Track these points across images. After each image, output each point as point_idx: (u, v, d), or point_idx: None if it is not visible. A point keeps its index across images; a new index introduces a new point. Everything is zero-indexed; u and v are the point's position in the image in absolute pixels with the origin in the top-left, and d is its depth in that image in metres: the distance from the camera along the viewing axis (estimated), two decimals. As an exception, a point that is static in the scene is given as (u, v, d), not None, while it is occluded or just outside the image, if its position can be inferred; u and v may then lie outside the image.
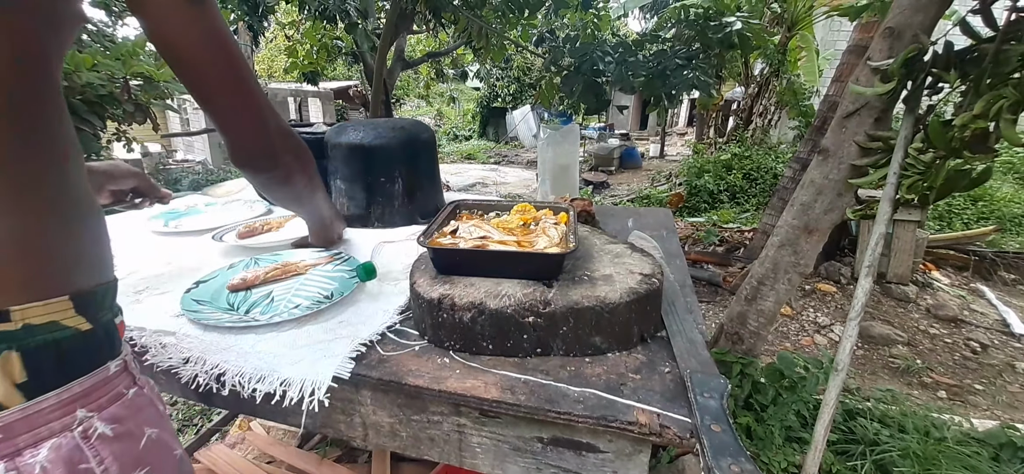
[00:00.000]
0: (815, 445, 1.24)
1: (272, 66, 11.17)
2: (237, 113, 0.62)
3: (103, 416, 0.44)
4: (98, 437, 0.43)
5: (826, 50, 7.38)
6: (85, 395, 0.43)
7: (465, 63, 9.10)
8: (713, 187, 6.08)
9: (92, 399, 0.44)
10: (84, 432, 0.42)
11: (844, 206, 1.52)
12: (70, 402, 0.42)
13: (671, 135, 14.08)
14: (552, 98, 3.94)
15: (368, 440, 0.72)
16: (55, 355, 0.42)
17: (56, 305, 0.42)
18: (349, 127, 1.28)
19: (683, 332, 0.74)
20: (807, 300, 3.42)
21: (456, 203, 1.02)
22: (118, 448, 0.44)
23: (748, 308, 1.80)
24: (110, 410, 0.45)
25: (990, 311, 3.19)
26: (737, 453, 0.50)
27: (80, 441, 0.42)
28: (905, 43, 1.28)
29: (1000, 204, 4.83)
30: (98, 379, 0.45)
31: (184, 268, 1.03)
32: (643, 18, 5.81)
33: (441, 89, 17.43)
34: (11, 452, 0.39)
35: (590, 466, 0.63)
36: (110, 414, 0.45)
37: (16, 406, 0.39)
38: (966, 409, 2.26)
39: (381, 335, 0.75)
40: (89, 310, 0.45)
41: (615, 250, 0.88)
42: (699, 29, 3.06)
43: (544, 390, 0.63)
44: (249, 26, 4.39)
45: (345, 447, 1.67)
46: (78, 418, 0.42)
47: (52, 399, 0.41)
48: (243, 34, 6.24)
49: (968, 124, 1.04)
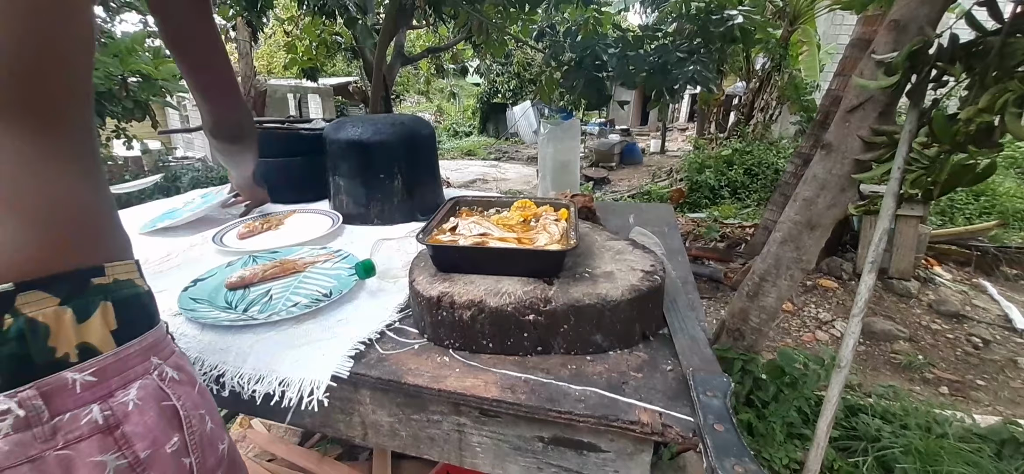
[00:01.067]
0: (817, 442, 1.24)
1: (271, 62, 11.13)
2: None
3: (169, 363, 0.50)
4: (169, 380, 0.49)
5: (828, 44, 7.34)
6: (155, 345, 0.49)
7: (465, 59, 9.06)
8: (714, 183, 6.06)
9: (159, 350, 0.50)
10: (160, 375, 0.48)
11: (847, 201, 1.51)
12: (147, 349, 0.48)
13: (672, 131, 14.03)
14: (552, 93, 3.92)
15: (367, 439, 0.72)
16: (137, 307, 0.48)
17: (130, 266, 0.49)
18: (347, 123, 1.27)
19: (685, 329, 0.73)
20: (808, 296, 3.41)
21: (456, 199, 1.01)
22: (183, 391, 0.50)
23: (750, 304, 1.79)
24: (172, 359, 0.51)
25: (992, 307, 3.18)
26: (741, 453, 0.49)
27: (159, 382, 0.47)
28: (910, 36, 1.26)
29: (1003, 199, 4.81)
30: (160, 334, 0.51)
31: (182, 266, 1.02)
32: (644, 13, 5.77)
33: (441, 85, 17.38)
34: (104, 394, 0.43)
35: (591, 466, 0.62)
36: (173, 362, 0.51)
37: (109, 351, 0.44)
38: (968, 405, 2.25)
39: (380, 333, 0.75)
40: (143, 274, 0.52)
41: (616, 247, 0.87)
42: (701, 23, 3.03)
43: (545, 389, 0.62)
44: (248, 22, 4.37)
45: (346, 445, 1.66)
46: (153, 364, 0.48)
47: (135, 346, 0.46)
48: (242, 29, 6.21)
49: (973, 118, 1.03)
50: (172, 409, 0.48)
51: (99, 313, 0.44)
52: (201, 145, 10.85)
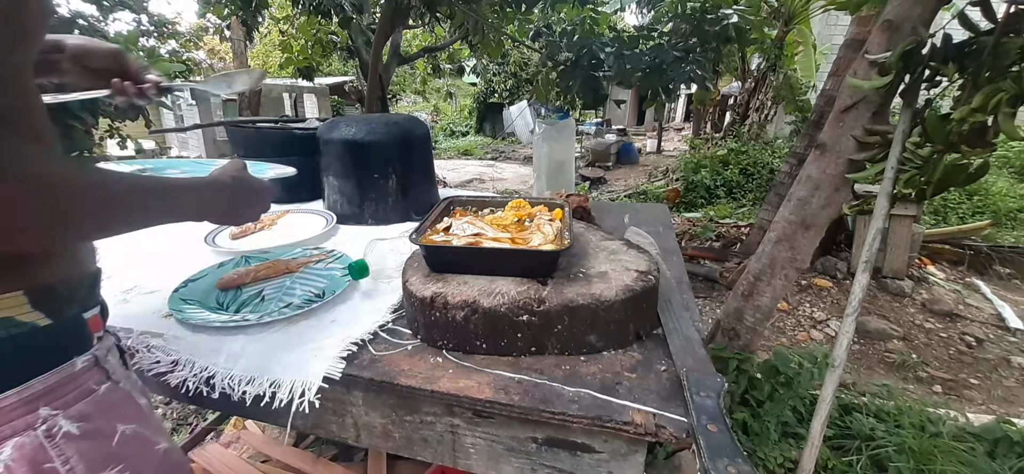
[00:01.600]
0: (811, 441, 1.24)
1: (267, 62, 11.07)
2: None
3: (69, 414, 0.43)
4: (63, 435, 0.42)
5: (823, 45, 7.37)
6: (48, 392, 0.42)
7: (462, 58, 9.05)
8: (710, 182, 6.08)
9: (57, 396, 0.43)
10: (48, 431, 0.41)
11: (841, 201, 1.51)
12: (32, 400, 0.41)
13: (668, 130, 14.07)
14: (549, 93, 3.92)
15: (360, 441, 0.71)
16: (12, 351, 0.41)
17: (10, 300, 0.41)
18: (342, 123, 1.26)
19: (679, 330, 0.73)
20: (803, 295, 3.42)
21: (450, 199, 1.01)
22: (85, 446, 0.43)
23: (745, 304, 1.80)
24: (77, 407, 0.44)
25: (985, 306, 3.19)
26: (734, 453, 0.49)
27: (44, 440, 0.41)
28: (903, 36, 1.27)
29: (996, 198, 4.84)
30: (63, 376, 0.44)
31: (173, 266, 1.02)
32: (639, 13, 5.78)
33: (438, 85, 17.35)
34: None
35: (585, 466, 0.62)
36: (76, 411, 0.44)
37: None
38: (962, 404, 2.26)
39: (373, 334, 0.74)
40: (48, 305, 0.44)
41: (611, 247, 0.87)
42: (696, 23, 3.04)
43: (538, 390, 0.62)
44: (243, 21, 4.34)
45: (341, 445, 1.66)
46: (41, 416, 0.41)
47: (12, 397, 0.40)
48: (237, 29, 6.18)
49: (966, 118, 1.03)
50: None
51: None
52: (195, 144, 10.79)
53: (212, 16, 4.57)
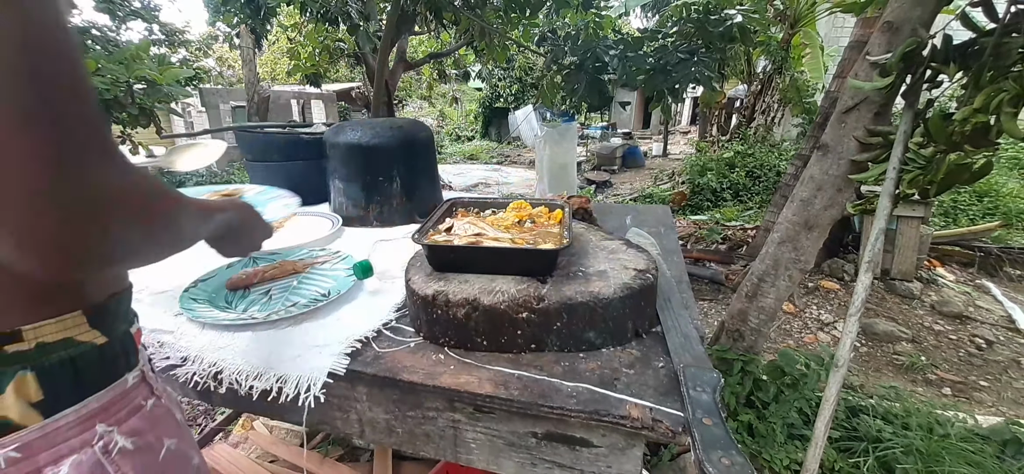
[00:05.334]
0: (815, 441, 1.24)
1: (275, 69, 11.21)
2: None
3: (123, 430, 0.44)
4: (119, 451, 0.43)
5: (830, 46, 7.33)
6: (104, 410, 0.43)
7: (467, 64, 9.11)
8: (716, 185, 6.06)
9: (111, 413, 0.44)
10: (104, 447, 0.42)
11: (844, 202, 1.51)
12: (89, 418, 0.42)
13: (674, 133, 14.02)
14: (554, 97, 3.94)
15: (364, 436, 0.73)
16: (71, 372, 0.41)
17: (70, 321, 0.42)
18: (347, 127, 1.28)
19: (678, 327, 0.74)
20: (810, 297, 3.40)
21: (452, 201, 1.02)
22: (138, 461, 0.44)
23: (749, 305, 1.80)
24: (129, 423, 0.45)
25: (995, 307, 3.16)
26: (728, 446, 0.50)
27: (101, 456, 0.42)
28: (904, 37, 1.27)
29: (1006, 199, 4.78)
30: (116, 393, 0.45)
31: (183, 267, 1.04)
32: (644, 17, 5.79)
33: (444, 90, 17.45)
34: (31, 471, 0.38)
35: (584, 460, 0.63)
36: (129, 427, 0.45)
37: (34, 425, 0.39)
38: (971, 406, 2.24)
39: (377, 332, 0.76)
40: (104, 323, 0.45)
41: (610, 246, 0.88)
42: (700, 24, 3.04)
43: (538, 385, 0.63)
44: (252, 29, 4.41)
45: (347, 446, 1.67)
46: (98, 433, 0.42)
47: (70, 416, 0.41)
48: (246, 36, 6.27)
49: (968, 118, 1.04)
50: None
51: (13, 386, 0.38)
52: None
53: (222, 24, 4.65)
